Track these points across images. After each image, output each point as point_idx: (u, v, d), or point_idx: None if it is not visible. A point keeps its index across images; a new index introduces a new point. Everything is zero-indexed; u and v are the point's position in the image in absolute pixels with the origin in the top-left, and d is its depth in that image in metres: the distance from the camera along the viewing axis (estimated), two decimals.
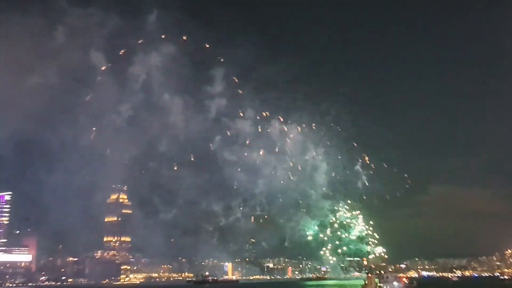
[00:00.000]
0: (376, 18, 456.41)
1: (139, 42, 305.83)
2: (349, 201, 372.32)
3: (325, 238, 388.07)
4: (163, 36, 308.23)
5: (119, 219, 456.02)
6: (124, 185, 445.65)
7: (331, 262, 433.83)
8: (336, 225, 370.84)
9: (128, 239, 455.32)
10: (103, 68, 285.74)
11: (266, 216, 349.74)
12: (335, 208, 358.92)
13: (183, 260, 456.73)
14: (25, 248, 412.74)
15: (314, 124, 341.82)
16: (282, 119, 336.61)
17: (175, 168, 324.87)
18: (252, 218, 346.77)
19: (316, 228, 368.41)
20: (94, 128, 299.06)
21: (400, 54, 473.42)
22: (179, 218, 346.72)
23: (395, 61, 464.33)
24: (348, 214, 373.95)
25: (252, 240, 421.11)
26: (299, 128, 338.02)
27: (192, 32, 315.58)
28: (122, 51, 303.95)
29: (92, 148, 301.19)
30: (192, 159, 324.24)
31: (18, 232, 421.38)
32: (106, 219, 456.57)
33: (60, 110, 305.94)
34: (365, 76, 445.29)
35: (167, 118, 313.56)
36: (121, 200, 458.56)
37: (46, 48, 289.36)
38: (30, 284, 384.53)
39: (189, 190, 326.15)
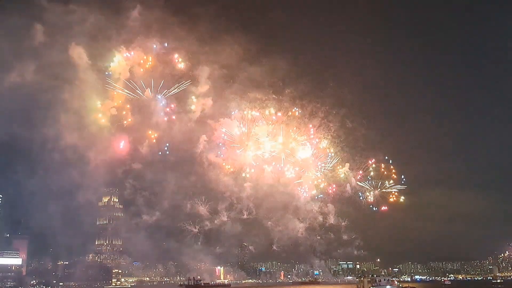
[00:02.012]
0: (364, 18, 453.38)
1: (122, 38, 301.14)
2: (338, 204, 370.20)
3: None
4: (145, 33, 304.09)
5: (111, 222, 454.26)
6: (113, 187, 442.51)
7: (323, 266, 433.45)
8: (325, 228, 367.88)
9: (119, 242, 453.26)
10: (84, 65, 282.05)
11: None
12: (324, 210, 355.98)
13: (175, 263, 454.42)
14: (16, 252, 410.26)
15: (301, 126, 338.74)
16: (269, 121, 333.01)
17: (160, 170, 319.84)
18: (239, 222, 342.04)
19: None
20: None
21: (390, 55, 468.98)
22: (170, 222, 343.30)
23: (385, 62, 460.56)
24: (337, 217, 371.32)
25: (244, 243, 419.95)
26: (287, 130, 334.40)
27: (176, 29, 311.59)
28: (104, 48, 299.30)
29: (76, 148, 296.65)
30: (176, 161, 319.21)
31: (8, 235, 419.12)
32: (97, 222, 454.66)
33: (43, 109, 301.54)
34: (353, 77, 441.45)
35: (150, 118, 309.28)
36: (112, 203, 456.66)
37: (26, 45, 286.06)
38: (20, 287, 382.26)
39: (175, 193, 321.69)
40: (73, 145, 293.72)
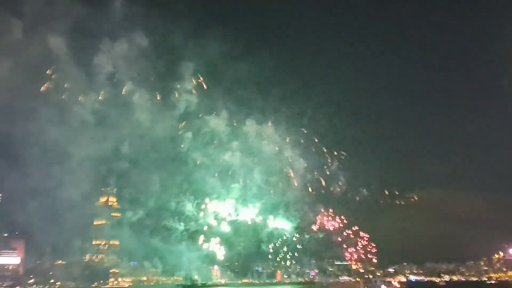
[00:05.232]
0: (354, 16, 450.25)
1: (103, 31, 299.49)
2: (329, 205, 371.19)
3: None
4: (127, 26, 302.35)
5: (108, 222, 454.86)
6: (111, 187, 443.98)
7: (318, 266, 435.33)
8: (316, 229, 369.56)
9: (117, 242, 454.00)
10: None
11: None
12: (315, 211, 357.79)
13: (171, 264, 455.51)
14: (13, 251, 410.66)
15: (290, 125, 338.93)
16: (257, 120, 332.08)
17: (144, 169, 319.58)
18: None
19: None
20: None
21: (382, 50, 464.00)
22: (163, 222, 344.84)
23: (377, 58, 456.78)
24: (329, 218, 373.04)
25: (241, 244, 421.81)
26: (275, 129, 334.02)
27: (159, 23, 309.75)
28: (86, 40, 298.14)
29: (69, 147, 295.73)
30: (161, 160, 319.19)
31: (6, 234, 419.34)
32: (95, 222, 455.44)
33: (30, 105, 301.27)
34: (342, 75, 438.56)
35: (133, 114, 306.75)
36: (110, 203, 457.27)
37: (5, 38, 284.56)
38: (17, 287, 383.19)
39: (164, 193, 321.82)
40: (65, 144, 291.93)
